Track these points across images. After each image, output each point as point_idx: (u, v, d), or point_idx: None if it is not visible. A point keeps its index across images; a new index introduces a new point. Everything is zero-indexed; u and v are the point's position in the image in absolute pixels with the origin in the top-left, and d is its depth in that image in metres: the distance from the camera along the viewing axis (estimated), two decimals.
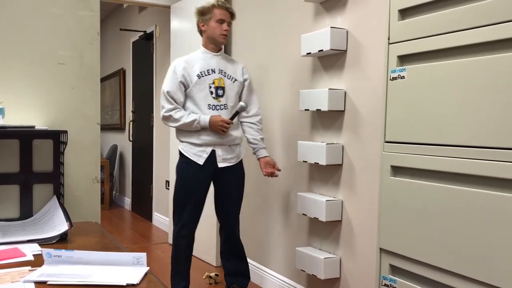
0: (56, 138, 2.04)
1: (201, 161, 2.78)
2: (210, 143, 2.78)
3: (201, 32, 2.91)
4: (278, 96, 3.26)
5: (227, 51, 3.85)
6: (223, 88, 2.82)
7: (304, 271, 2.80)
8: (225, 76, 2.85)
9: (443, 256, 1.57)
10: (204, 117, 2.74)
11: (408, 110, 1.71)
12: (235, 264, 3.02)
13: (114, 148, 7.13)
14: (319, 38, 2.65)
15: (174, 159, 3.08)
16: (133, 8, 6.32)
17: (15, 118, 2.03)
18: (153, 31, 5.61)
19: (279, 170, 2.97)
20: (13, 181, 1.97)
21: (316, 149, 2.69)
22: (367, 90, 2.51)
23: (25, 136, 1.98)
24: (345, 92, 2.65)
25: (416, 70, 1.67)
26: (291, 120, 3.13)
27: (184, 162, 2.83)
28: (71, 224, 1.70)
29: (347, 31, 2.63)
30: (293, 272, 3.12)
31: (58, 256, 1.34)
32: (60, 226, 1.71)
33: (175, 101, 2.78)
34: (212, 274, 3.52)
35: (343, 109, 2.66)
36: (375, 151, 2.44)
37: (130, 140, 6.44)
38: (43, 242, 1.61)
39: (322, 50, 2.64)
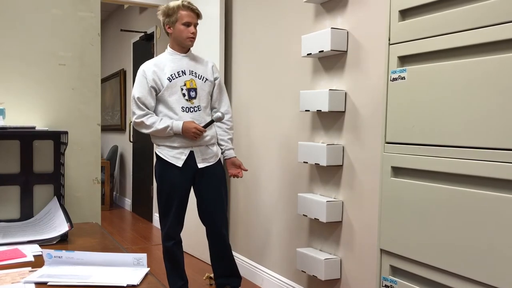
0: (57, 139, 2.04)
1: (179, 163, 2.76)
2: (187, 145, 2.77)
3: (167, 33, 2.85)
4: (279, 96, 3.26)
5: (228, 53, 3.86)
6: (195, 90, 2.79)
7: (305, 272, 2.80)
8: (196, 77, 2.81)
9: (443, 257, 1.57)
10: (177, 123, 2.70)
11: (408, 111, 1.70)
12: (225, 265, 2.99)
13: (115, 149, 7.13)
14: (320, 38, 2.65)
15: None
16: (134, 9, 6.32)
17: (15, 119, 2.03)
18: (153, 32, 5.61)
19: (245, 170, 2.96)
20: (13, 182, 1.97)
21: (317, 150, 2.69)
22: (367, 90, 2.51)
23: (25, 137, 1.98)
24: (345, 93, 2.65)
25: (417, 71, 1.67)
26: (292, 121, 3.12)
27: (163, 165, 2.80)
28: (71, 225, 1.70)
29: (347, 32, 2.63)
30: (293, 273, 3.12)
31: (59, 257, 1.34)
32: (60, 227, 1.71)
33: (146, 106, 2.75)
34: (213, 275, 3.52)
35: (344, 110, 2.66)
36: (376, 152, 2.44)
37: (130, 141, 6.44)
38: (43, 243, 1.61)
39: (322, 51, 2.64)
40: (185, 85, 2.77)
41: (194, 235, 3.94)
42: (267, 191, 3.40)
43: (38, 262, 1.40)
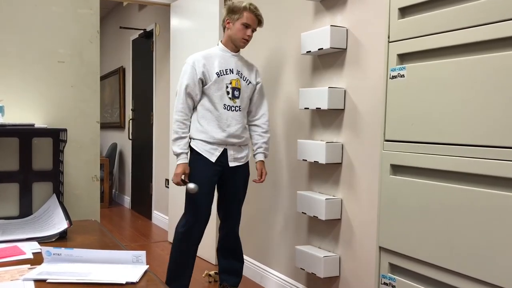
0: (56, 136, 2.03)
1: (213, 159, 2.77)
2: (222, 142, 2.78)
3: (224, 27, 2.87)
4: (278, 94, 3.26)
5: None
6: (239, 90, 2.81)
7: (304, 269, 2.80)
8: (241, 78, 2.83)
9: (442, 254, 1.57)
10: (183, 159, 2.73)
11: (407, 108, 1.71)
12: (231, 262, 3.02)
13: (114, 147, 7.12)
14: (319, 36, 2.65)
15: (174, 158, 3.08)
16: (133, 6, 6.31)
17: (14, 116, 2.03)
18: (153, 29, 5.60)
19: (261, 181, 2.99)
20: (12, 179, 1.97)
21: (316, 148, 2.69)
22: (367, 88, 2.51)
23: (24, 134, 1.98)
24: (345, 91, 2.65)
25: (416, 69, 1.67)
26: (291, 118, 3.12)
27: (196, 157, 2.79)
28: (70, 223, 1.69)
29: (347, 30, 2.63)
30: (292, 271, 3.13)
31: (58, 254, 1.34)
32: (59, 224, 1.71)
33: (191, 97, 2.74)
34: (212, 273, 3.52)
35: (343, 108, 2.66)
36: (375, 150, 2.44)
37: (129, 139, 6.44)
38: (42, 240, 1.61)
39: (322, 48, 2.64)
40: (230, 83, 2.79)
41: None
42: (266, 189, 3.40)
43: (37, 259, 1.40)
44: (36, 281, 1.22)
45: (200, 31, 3.94)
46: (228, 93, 2.78)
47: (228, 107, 2.78)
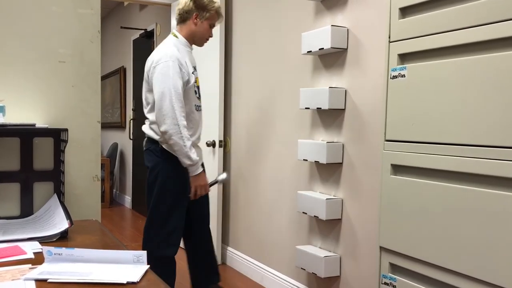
0: (57, 136, 2.04)
1: None
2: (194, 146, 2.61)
3: (185, 19, 2.66)
4: (279, 94, 3.26)
5: (228, 50, 3.85)
6: (199, 88, 2.70)
7: (304, 269, 2.80)
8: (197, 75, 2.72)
9: (443, 254, 1.57)
10: (201, 167, 2.58)
11: (408, 108, 1.71)
12: (209, 263, 2.85)
13: (115, 146, 7.13)
14: (320, 36, 2.65)
15: None
16: (134, 6, 6.32)
17: (15, 116, 2.03)
18: (153, 29, 5.60)
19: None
20: (13, 179, 1.97)
21: (317, 148, 2.69)
22: (367, 88, 2.51)
23: (25, 134, 1.98)
24: (345, 91, 2.65)
25: (417, 69, 1.67)
26: (292, 118, 3.12)
27: (174, 163, 2.56)
28: (71, 222, 1.70)
29: (347, 30, 2.63)
30: (293, 271, 3.13)
31: (59, 254, 1.34)
32: (60, 224, 1.71)
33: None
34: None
35: (344, 108, 2.66)
36: (376, 150, 2.44)
37: (130, 139, 6.44)
38: (43, 240, 1.61)
39: (322, 48, 2.64)
40: (195, 81, 2.64)
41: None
42: (267, 189, 3.40)
43: (38, 259, 1.40)
44: (37, 280, 1.22)
45: None
46: (195, 92, 2.63)
47: (198, 107, 2.65)
